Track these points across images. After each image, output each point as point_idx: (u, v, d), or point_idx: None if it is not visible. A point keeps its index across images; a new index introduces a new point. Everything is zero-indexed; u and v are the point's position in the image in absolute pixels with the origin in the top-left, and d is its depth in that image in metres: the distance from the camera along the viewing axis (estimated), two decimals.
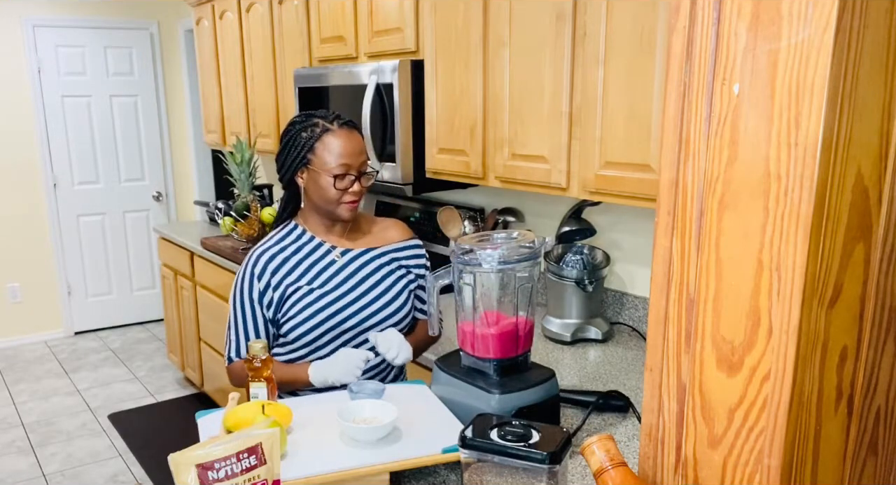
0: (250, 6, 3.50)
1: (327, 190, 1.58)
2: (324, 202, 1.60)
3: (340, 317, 1.61)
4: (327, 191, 1.58)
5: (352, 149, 1.57)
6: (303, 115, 1.64)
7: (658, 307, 0.94)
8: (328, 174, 1.56)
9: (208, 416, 1.40)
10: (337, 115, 1.63)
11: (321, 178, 1.57)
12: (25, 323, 5.07)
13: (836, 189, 0.76)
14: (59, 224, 5.08)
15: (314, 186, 1.59)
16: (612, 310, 2.32)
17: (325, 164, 1.56)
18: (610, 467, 0.96)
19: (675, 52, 0.87)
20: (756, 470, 0.84)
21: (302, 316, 1.59)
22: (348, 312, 1.61)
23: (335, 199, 1.58)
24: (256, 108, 3.60)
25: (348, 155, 1.57)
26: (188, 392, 4.22)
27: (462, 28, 2.19)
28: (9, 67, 4.78)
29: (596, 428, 1.55)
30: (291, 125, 1.62)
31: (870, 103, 0.77)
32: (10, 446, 3.59)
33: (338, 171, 1.56)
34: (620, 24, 1.70)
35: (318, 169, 1.57)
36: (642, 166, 1.70)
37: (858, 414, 0.89)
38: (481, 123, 2.18)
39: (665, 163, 0.90)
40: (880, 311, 0.87)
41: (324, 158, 1.56)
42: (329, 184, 1.57)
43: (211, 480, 0.99)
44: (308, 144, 1.57)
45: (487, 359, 1.42)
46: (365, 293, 1.64)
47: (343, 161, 1.56)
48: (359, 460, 1.23)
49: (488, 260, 1.38)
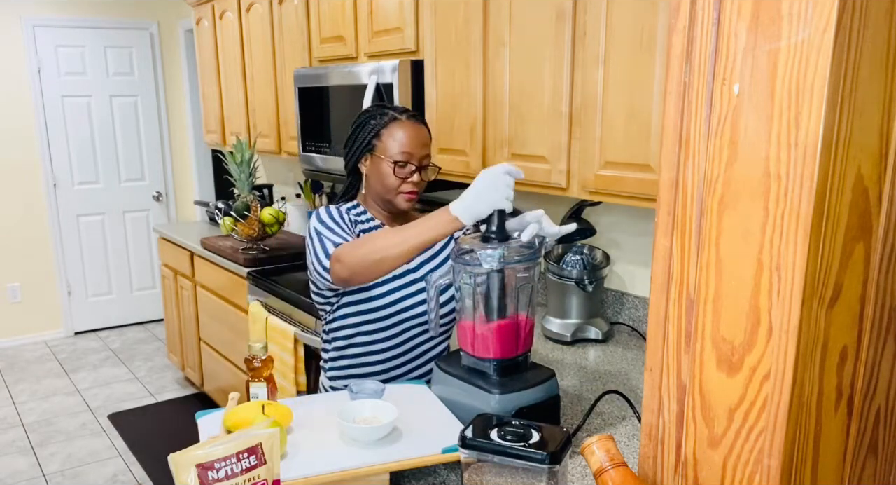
0: (250, 6, 3.50)
1: (388, 177, 1.59)
2: (384, 190, 1.62)
3: (402, 292, 1.64)
4: (388, 177, 1.60)
5: (416, 140, 1.60)
6: (375, 105, 1.69)
7: (658, 307, 0.94)
8: (390, 160, 1.59)
9: (208, 416, 1.40)
10: (407, 108, 1.68)
11: (383, 164, 1.59)
12: (25, 323, 5.07)
13: (836, 189, 0.76)
14: (59, 224, 5.08)
15: (376, 172, 1.62)
16: (612, 310, 2.32)
17: (388, 149, 1.59)
18: (610, 467, 0.96)
19: (675, 52, 0.87)
20: (756, 470, 0.84)
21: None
22: (407, 281, 1.65)
23: (395, 187, 1.60)
24: (256, 108, 3.60)
25: (412, 144, 1.59)
26: (188, 392, 4.22)
27: (462, 28, 2.19)
28: (9, 67, 4.78)
29: (596, 428, 1.55)
30: (363, 113, 1.67)
31: (870, 103, 0.77)
32: (10, 446, 3.59)
33: (400, 158, 1.58)
34: (620, 24, 1.70)
35: (381, 154, 1.60)
36: (642, 166, 1.70)
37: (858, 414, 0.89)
38: (481, 123, 2.18)
39: (665, 163, 0.90)
40: (880, 311, 0.87)
41: (387, 145, 1.59)
42: (390, 170, 1.59)
43: (211, 480, 0.99)
44: (375, 130, 1.61)
45: (487, 359, 1.42)
46: (422, 264, 1.68)
47: (406, 149, 1.59)
48: (359, 460, 1.23)
49: (488, 260, 1.38)
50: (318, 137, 2.93)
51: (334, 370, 1.72)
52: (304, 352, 2.67)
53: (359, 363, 1.68)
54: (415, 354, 1.70)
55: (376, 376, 1.67)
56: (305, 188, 3.69)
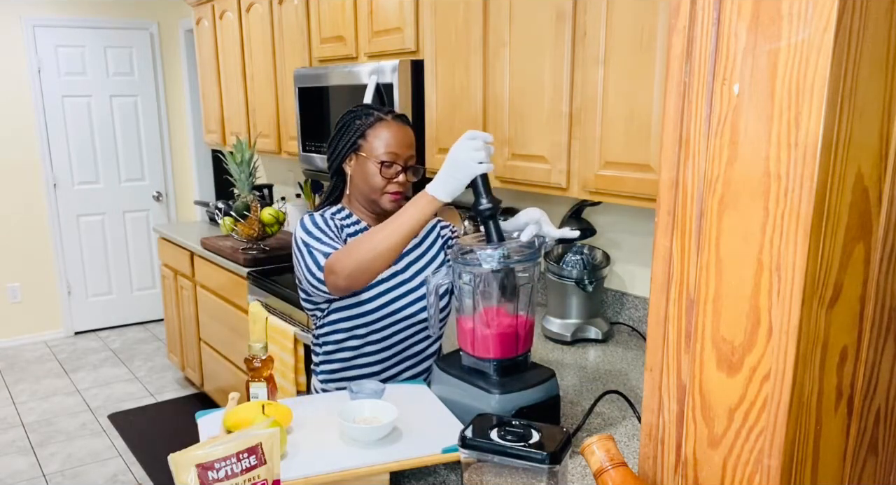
0: (250, 6, 3.50)
1: (374, 176, 1.59)
2: (369, 190, 1.61)
3: (392, 294, 1.63)
4: (374, 177, 1.59)
5: (402, 140, 1.60)
6: (360, 105, 1.68)
7: (658, 307, 0.94)
8: (375, 161, 1.58)
9: (208, 416, 1.40)
10: (391, 109, 1.67)
11: (368, 164, 1.59)
12: (25, 323, 5.07)
13: (836, 189, 0.76)
14: (59, 224, 5.08)
15: (361, 173, 1.61)
16: (612, 310, 2.32)
17: (374, 149, 1.59)
18: (610, 467, 0.96)
19: (675, 53, 0.87)
20: (756, 470, 0.84)
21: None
22: (396, 282, 1.64)
23: (380, 187, 1.59)
24: (256, 108, 3.60)
25: (398, 145, 1.59)
26: (188, 392, 4.22)
27: (462, 28, 2.19)
28: (9, 67, 4.78)
29: (596, 428, 1.55)
30: (347, 113, 1.66)
31: (870, 103, 0.77)
32: (10, 446, 3.59)
33: (386, 158, 1.58)
34: (620, 24, 1.70)
35: (366, 154, 1.59)
36: (642, 166, 1.70)
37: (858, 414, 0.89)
38: (481, 123, 2.18)
39: (665, 163, 0.90)
40: (880, 311, 0.87)
41: (373, 145, 1.59)
42: (376, 170, 1.58)
43: (211, 480, 0.99)
44: (360, 130, 1.60)
45: (487, 359, 1.42)
46: (410, 265, 1.67)
47: (392, 149, 1.58)
48: (359, 460, 1.23)
49: (488, 260, 1.38)
50: (318, 137, 2.93)
51: (325, 374, 1.71)
52: (304, 352, 2.67)
53: (350, 366, 1.68)
54: (406, 355, 1.69)
55: (368, 377, 1.67)
56: (305, 188, 3.69)
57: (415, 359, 1.71)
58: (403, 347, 1.68)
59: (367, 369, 1.67)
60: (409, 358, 1.70)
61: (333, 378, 1.70)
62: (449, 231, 1.77)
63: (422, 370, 1.72)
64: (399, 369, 1.70)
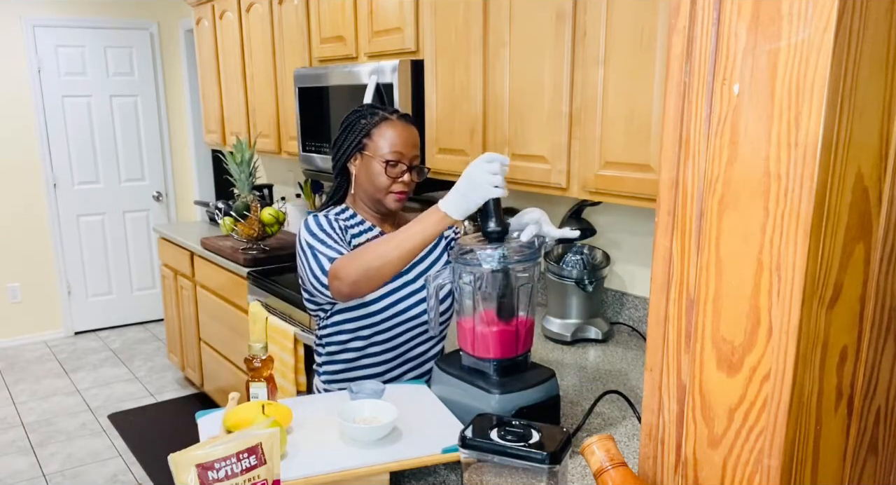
0: (250, 6, 3.50)
1: (379, 176, 1.59)
2: (374, 189, 1.61)
3: (397, 295, 1.63)
4: (379, 177, 1.59)
5: (407, 140, 1.60)
6: (365, 105, 1.69)
7: (658, 307, 0.94)
8: (381, 160, 1.58)
9: (208, 416, 1.40)
10: (396, 109, 1.68)
11: (373, 163, 1.59)
12: (25, 323, 5.07)
13: (836, 189, 0.76)
14: (59, 224, 5.08)
15: (366, 172, 1.61)
16: (612, 310, 2.32)
17: (378, 148, 1.59)
18: (610, 467, 0.96)
19: (675, 53, 0.87)
20: (756, 470, 0.84)
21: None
22: (400, 283, 1.63)
23: (385, 186, 1.60)
24: (256, 108, 3.60)
25: (403, 144, 1.59)
26: (188, 392, 4.22)
27: (462, 28, 2.19)
28: (9, 67, 4.78)
29: (596, 428, 1.55)
30: (352, 113, 1.66)
31: (870, 103, 0.77)
32: (10, 446, 3.59)
33: (391, 157, 1.58)
34: (620, 24, 1.70)
35: (371, 154, 1.59)
36: (642, 166, 1.70)
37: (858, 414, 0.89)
38: (481, 123, 2.18)
39: (665, 163, 0.90)
40: (880, 311, 0.87)
41: (378, 144, 1.59)
42: (381, 169, 1.58)
43: (211, 480, 0.99)
44: (366, 130, 1.61)
45: (487, 359, 1.42)
46: (414, 266, 1.66)
47: (397, 149, 1.59)
48: (359, 460, 1.23)
49: (488, 260, 1.38)
50: (318, 137, 2.93)
51: (328, 374, 1.71)
52: (304, 352, 2.67)
53: (354, 367, 1.68)
54: (410, 356, 1.69)
55: (371, 378, 1.67)
56: (305, 188, 3.69)
57: (418, 360, 1.71)
58: (407, 349, 1.68)
59: (370, 370, 1.67)
60: (413, 360, 1.70)
61: (336, 379, 1.70)
62: (452, 232, 1.77)
63: (424, 372, 1.72)
64: (402, 370, 1.70)
